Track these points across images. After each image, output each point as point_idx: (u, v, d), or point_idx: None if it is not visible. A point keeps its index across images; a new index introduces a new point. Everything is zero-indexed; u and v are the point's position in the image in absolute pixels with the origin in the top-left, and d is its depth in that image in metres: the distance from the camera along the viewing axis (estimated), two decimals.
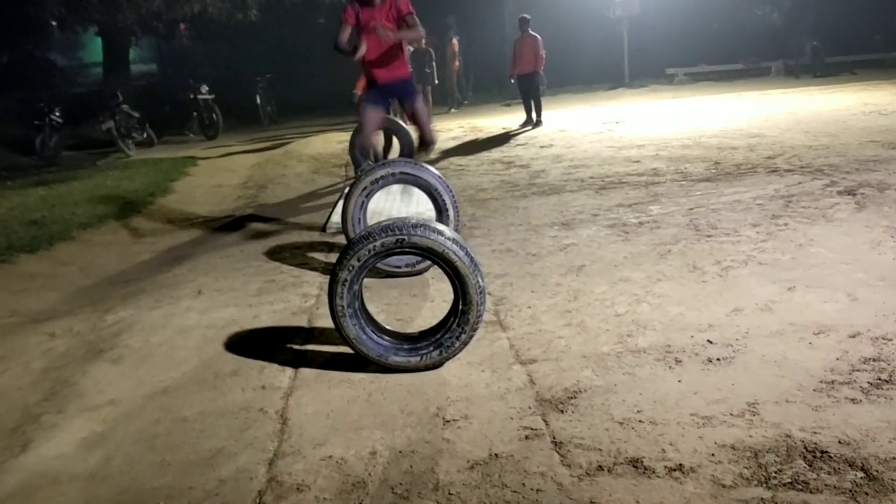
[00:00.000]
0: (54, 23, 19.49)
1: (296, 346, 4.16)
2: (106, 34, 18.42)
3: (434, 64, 14.87)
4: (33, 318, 5.17)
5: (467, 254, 3.55)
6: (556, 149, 10.17)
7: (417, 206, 6.78)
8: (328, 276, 3.75)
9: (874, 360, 3.30)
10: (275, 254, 6.23)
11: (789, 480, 2.50)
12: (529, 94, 12.91)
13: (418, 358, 3.63)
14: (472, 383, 3.49)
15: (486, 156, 10.22)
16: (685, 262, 4.90)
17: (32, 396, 3.90)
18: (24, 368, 4.30)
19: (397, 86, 6.46)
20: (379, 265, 4.62)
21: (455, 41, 17.11)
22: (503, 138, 11.81)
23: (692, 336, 3.75)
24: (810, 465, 2.57)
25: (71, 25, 19.08)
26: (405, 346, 3.69)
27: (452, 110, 16.75)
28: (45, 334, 4.82)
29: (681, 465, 2.66)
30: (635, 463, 2.70)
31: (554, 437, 2.94)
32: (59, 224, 7.87)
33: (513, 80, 13.34)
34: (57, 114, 14.83)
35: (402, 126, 8.87)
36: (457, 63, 17.04)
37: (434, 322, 3.94)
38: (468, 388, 3.45)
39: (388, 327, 3.90)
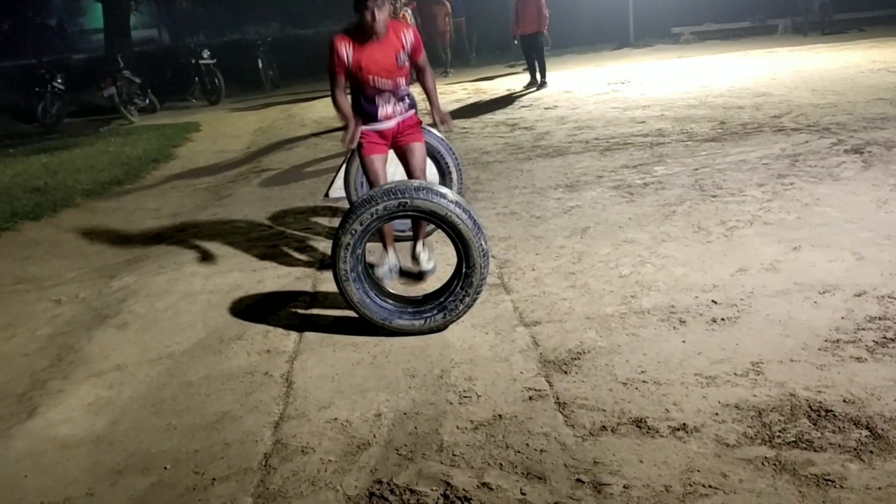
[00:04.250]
0: None
1: (300, 311, 4.17)
2: None
3: None
4: (39, 284, 5.19)
5: (470, 217, 3.52)
6: (561, 110, 10.07)
7: None
8: (331, 241, 3.73)
9: (880, 318, 3.29)
10: (278, 219, 6.21)
11: (793, 439, 2.50)
12: (534, 55, 12.74)
13: (422, 321, 3.63)
14: (476, 345, 3.50)
15: (489, 118, 10.13)
16: (690, 222, 4.87)
17: (39, 362, 3.92)
18: (30, 335, 4.33)
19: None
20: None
21: (447, 3, 16.62)
22: (507, 100, 11.70)
23: (696, 296, 3.74)
24: (815, 424, 2.57)
25: None
26: (409, 310, 3.69)
27: (448, 72, 16.42)
28: (50, 301, 4.84)
29: (684, 424, 2.66)
30: (639, 423, 2.71)
31: (558, 398, 2.95)
32: (62, 191, 7.87)
33: (516, 41, 13.16)
34: (59, 80, 14.72)
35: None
36: (448, 27, 16.45)
37: (438, 285, 3.94)
38: (472, 350, 3.45)
39: (391, 291, 3.90)
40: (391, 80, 4.10)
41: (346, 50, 4.00)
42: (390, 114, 4.21)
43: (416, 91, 4.48)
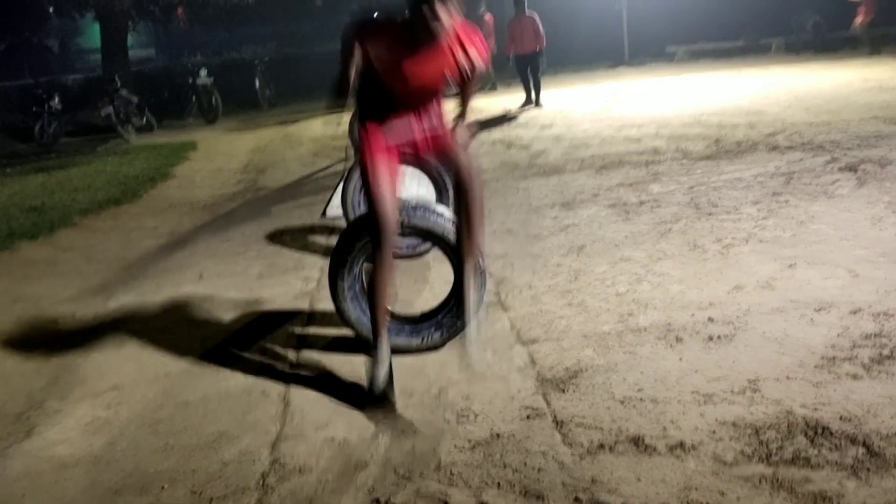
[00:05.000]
0: (52, 9, 19.40)
1: (297, 330, 4.17)
2: (103, 19, 18.32)
3: None
4: (36, 304, 5.18)
5: None
6: (557, 129, 10.12)
7: (418, 188, 6.76)
8: (328, 259, 3.74)
9: (875, 335, 3.30)
10: (275, 237, 6.23)
11: (791, 457, 2.51)
12: (530, 74, 12.77)
13: (419, 339, 3.64)
14: (473, 364, 3.50)
15: (486, 136, 10.18)
16: (686, 240, 4.89)
17: (36, 382, 3.91)
18: (27, 355, 4.32)
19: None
20: None
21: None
22: (503, 119, 11.76)
23: (693, 314, 3.75)
24: (812, 442, 2.58)
25: (68, 11, 18.99)
26: (406, 328, 3.69)
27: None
28: (47, 321, 4.83)
29: (682, 442, 2.66)
30: (636, 441, 2.71)
31: (555, 417, 2.95)
32: (59, 210, 7.87)
33: (510, 62, 13.19)
34: (56, 100, 14.79)
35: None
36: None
37: (435, 304, 3.94)
38: (469, 368, 3.46)
39: (389, 309, 3.90)
40: (429, 94, 3.35)
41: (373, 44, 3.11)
42: (412, 124, 3.36)
43: None
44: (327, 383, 3.47)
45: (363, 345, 3.70)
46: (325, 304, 4.29)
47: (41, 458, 3.10)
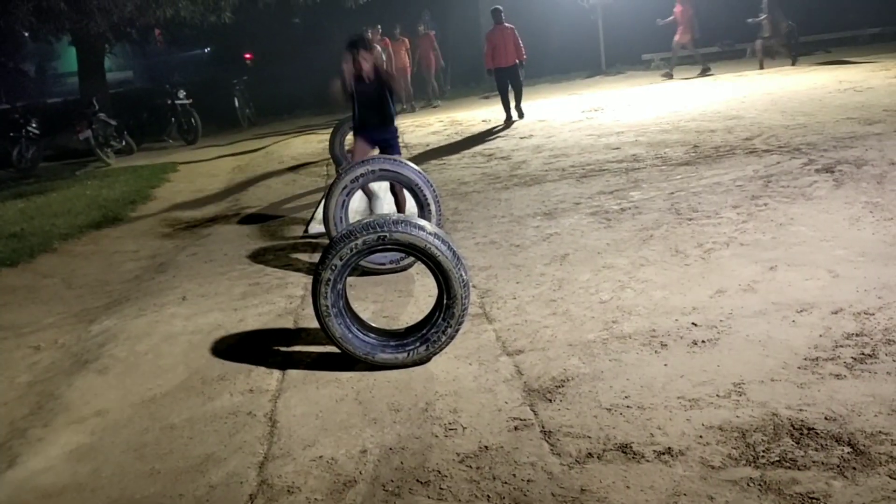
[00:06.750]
0: (26, 33, 19.27)
1: (282, 348, 4.15)
2: (79, 42, 18.23)
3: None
4: (17, 331, 5.13)
5: (450, 248, 3.54)
6: (536, 139, 10.16)
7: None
8: (312, 277, 3.74)
9: (857, 335, 3.33)
10: (258, 256, 6.20)
11: (777, 459, 2.52)
12: (511, 87, 12.73)
13: (405, 354, 3.63)
14: (459, 377, 3.50)
15: (466, 148, 10.20)
16: (667, 246, 4.91)
17: (18, 411, 3.87)
18: (9, 383, 4.27)
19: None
20: (362, 263, 4.62)
21: (431, 34, 16.91)
22: (483, 131, 11.79)
23: (677, 319, 3.77)
24: (797, 443, 2.59)
25: (44, 35, 18.86)
26: (392, 343, 3.69)
27: (437, 104, 16.63)
28: (29, 347, 4.79)
29: (669, 448, 2.67)
30: (624, 448, 2.71)
31: (543, 427, 2.95)
32: (39, 236, 7.80)
33: (490, 74, 13.15)
34: (33, 125, 14.67)
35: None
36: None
37: (420, 317, 3.94)
38: (456, 381, 3.45)
39: (373, 325, 3.90)
40: None
41: None
42: None
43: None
44: (314, 401, 3.45)
45: (348, 361, 3.69)
46: (310, 321, 4.28)
47: (25, 489, 3.06)
